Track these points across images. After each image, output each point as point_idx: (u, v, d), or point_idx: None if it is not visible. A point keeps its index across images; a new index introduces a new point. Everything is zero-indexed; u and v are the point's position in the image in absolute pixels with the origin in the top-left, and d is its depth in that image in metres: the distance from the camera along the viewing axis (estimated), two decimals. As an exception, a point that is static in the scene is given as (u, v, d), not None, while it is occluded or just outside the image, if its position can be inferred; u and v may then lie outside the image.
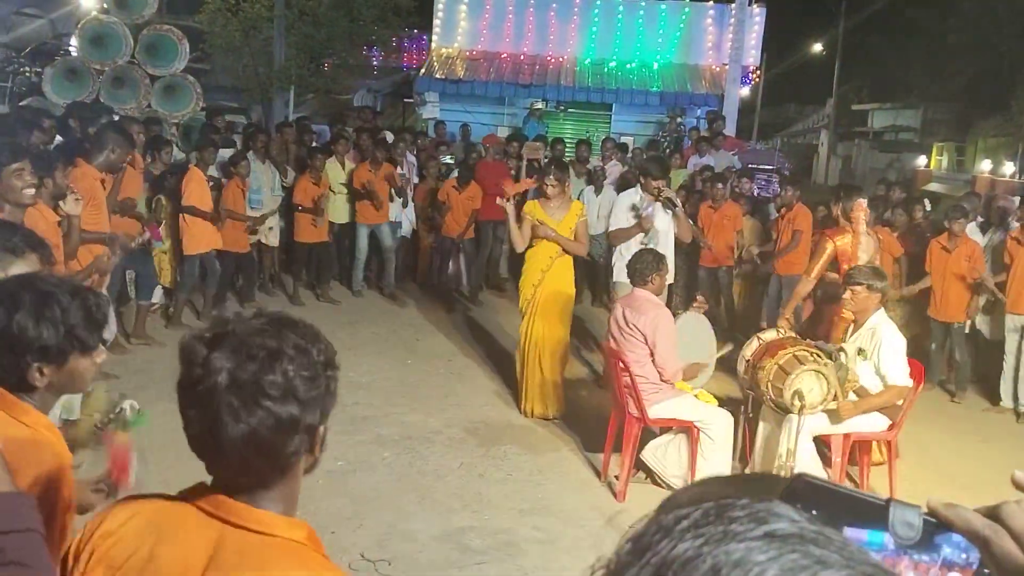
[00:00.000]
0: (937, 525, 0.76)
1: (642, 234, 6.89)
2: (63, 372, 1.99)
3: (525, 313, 6.90)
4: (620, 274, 6.69)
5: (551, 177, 6.92)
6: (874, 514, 0.76)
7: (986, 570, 0.76)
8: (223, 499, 1.41)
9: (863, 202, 6.69)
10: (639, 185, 7.22)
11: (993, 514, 0.76)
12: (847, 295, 5.43)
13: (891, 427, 5.49)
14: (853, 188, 7.27)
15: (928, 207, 9.87)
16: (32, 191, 4.31)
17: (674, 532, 0.63)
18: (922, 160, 24.48)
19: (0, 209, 4.17)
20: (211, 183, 8.47)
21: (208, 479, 1.47)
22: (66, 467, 1.97)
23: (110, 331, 4.70)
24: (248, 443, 1.34)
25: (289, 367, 1.35)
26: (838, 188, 7.55)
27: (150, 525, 1.44)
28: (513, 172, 11.50)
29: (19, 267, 2.76)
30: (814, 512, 0.77)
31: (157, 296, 8.45)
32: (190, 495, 1.45)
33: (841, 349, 5.39)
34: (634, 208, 6.96)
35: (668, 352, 5.44)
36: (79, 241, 5.26)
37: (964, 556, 0.76)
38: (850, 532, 0.76)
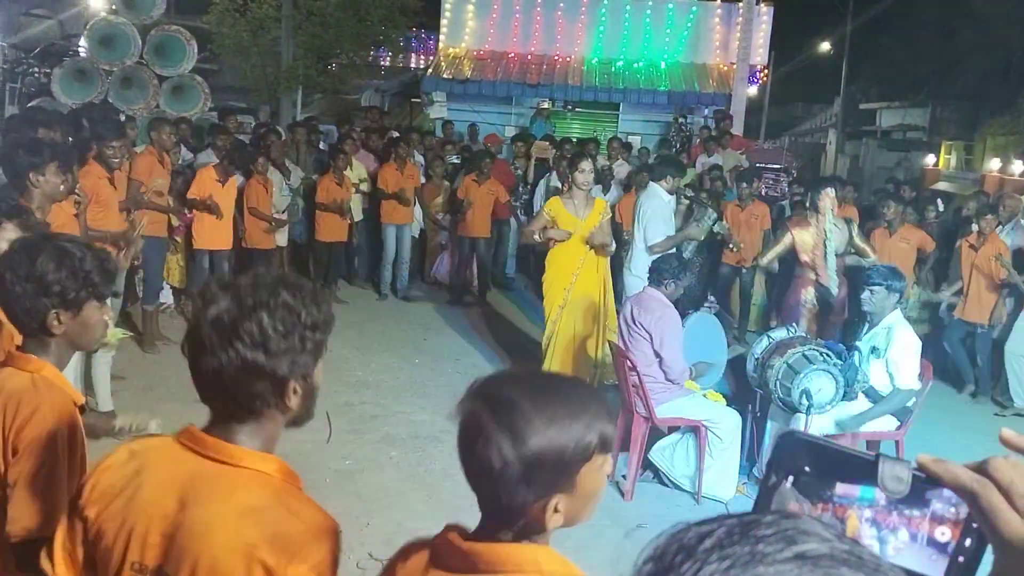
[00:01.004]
0: (926, 480, 0.77)
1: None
2: (77, 321, 2.17)
3: (552, 316, 6.77)
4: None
5: (586, 162, 6.86)
6: (864, 470, 0.77)
7: (974, 523, 0.76)
8: (201, 435, 1.58)
9: (830, 191, 6.88)
10: (658, 186, 7.27)
11: (981, 468, 0.76)
12: (865, 295, 5.42)
13: (900, 427, 5.48)
14: (824, 180, 7.51)
15: (940, 206, 9.84)
16: (63, 187, 4.60)
17: (697, 553, 0.60)
18: (931, 159, 24.37)
19: (30, 201, 4.29)
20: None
21: None
22: (71, 408, 2.15)
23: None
24: (215, 376, 1.52)
25: (266, 319, 1.51)
26: (809, 181, 7.63)
27: (139, 458, 1.63)
28: (520, 172, 11.51)
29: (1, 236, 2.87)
30: (806, 469, 0.77)
31: (166, 297, 8.46)
32: (178, 436, 1.62)
33: (856, 348, 5.39)
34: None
35: (674, 352, 5.44)
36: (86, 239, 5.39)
37: (953, 511, 0.77)
38: (842, 488, 0.77)
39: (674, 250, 6.94)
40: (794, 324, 6.05)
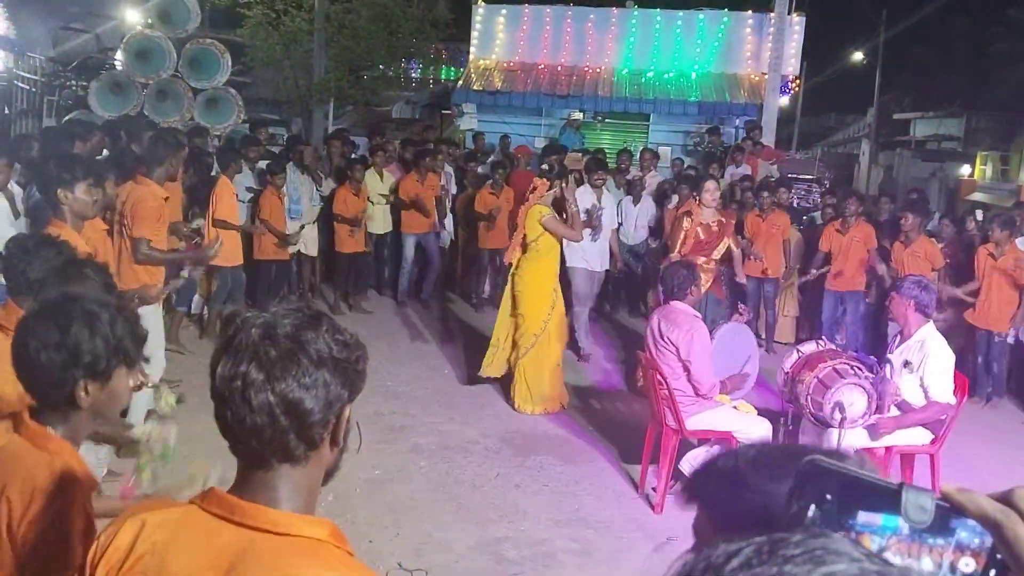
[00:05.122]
0: (950, 509, 0.76)
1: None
2: (105, 391, 1.99)
3: (535, 330, 6.99)
4: (572, 258, 8.09)
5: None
6: (887, 498, 0.76)
7: (998, 554, 0.75)
8: (234, 501, 1.37)
9: (711, 184, 7.79)
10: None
11: (1005, 498, 0.76)
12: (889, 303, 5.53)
13: (934, 441, 5.41)
14: (705, 178, 8.41)
15: (981, 217, 9.77)
16: (94, 205, 4.51)
17: (725, 572, 0.60)
18: (965, 169, 24.09)
19: (63, 219, 4.31)
20: (250, 194, 8.55)
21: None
22: (85, 493, 1.95)
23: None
24: (280, 399, 1.32)
25: (326, 332, 1.37)
26: (693, 179, 8.69)
27: (156, 532, 1.40)
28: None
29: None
30: (828, 497, 0.77)
31: (197, 306, 8.54)
32: (202, 501, 1.41)
33: (888, 361, 5.33)
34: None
35: (703, 367, 5.40)
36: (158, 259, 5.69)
37: (978, 540, 0.76)
38: (864, 516, 0.76)
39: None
40: (823, 337, 5.99)
